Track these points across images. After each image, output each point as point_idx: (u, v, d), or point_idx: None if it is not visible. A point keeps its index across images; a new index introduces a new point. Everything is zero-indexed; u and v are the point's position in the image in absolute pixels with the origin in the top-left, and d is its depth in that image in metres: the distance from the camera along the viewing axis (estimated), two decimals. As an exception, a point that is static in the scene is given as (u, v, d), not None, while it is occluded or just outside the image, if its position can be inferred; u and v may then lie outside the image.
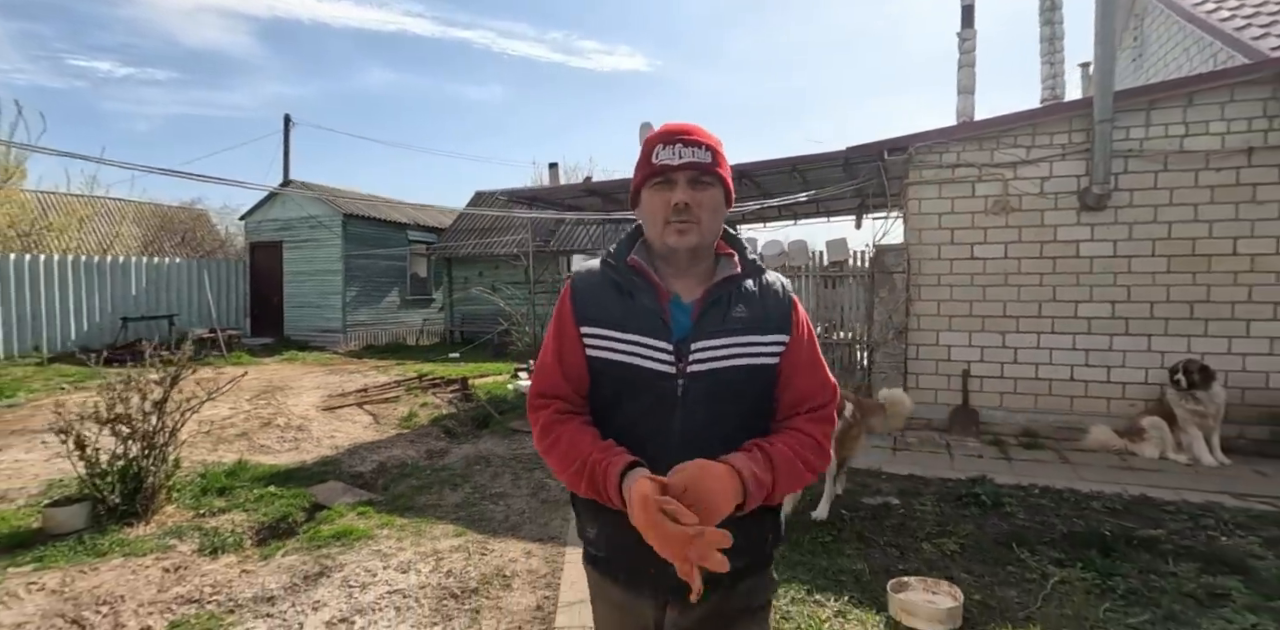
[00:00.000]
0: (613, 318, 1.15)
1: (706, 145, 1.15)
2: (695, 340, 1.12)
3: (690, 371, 1.11)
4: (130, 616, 2.82)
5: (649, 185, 1.16)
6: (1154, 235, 5.12)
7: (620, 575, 1.19)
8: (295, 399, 7.19)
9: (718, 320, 1.14)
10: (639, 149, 1.22)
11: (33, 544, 3.41)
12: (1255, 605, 2.61)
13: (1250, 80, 4.86)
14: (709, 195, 1.15)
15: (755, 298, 1.18)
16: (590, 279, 1.22)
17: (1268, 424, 4.92)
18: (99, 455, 3.72)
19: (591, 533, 1.21)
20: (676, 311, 1.15)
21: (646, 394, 1.12)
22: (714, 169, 1.14)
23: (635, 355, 1.13)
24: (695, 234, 1.13)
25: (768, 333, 1.16)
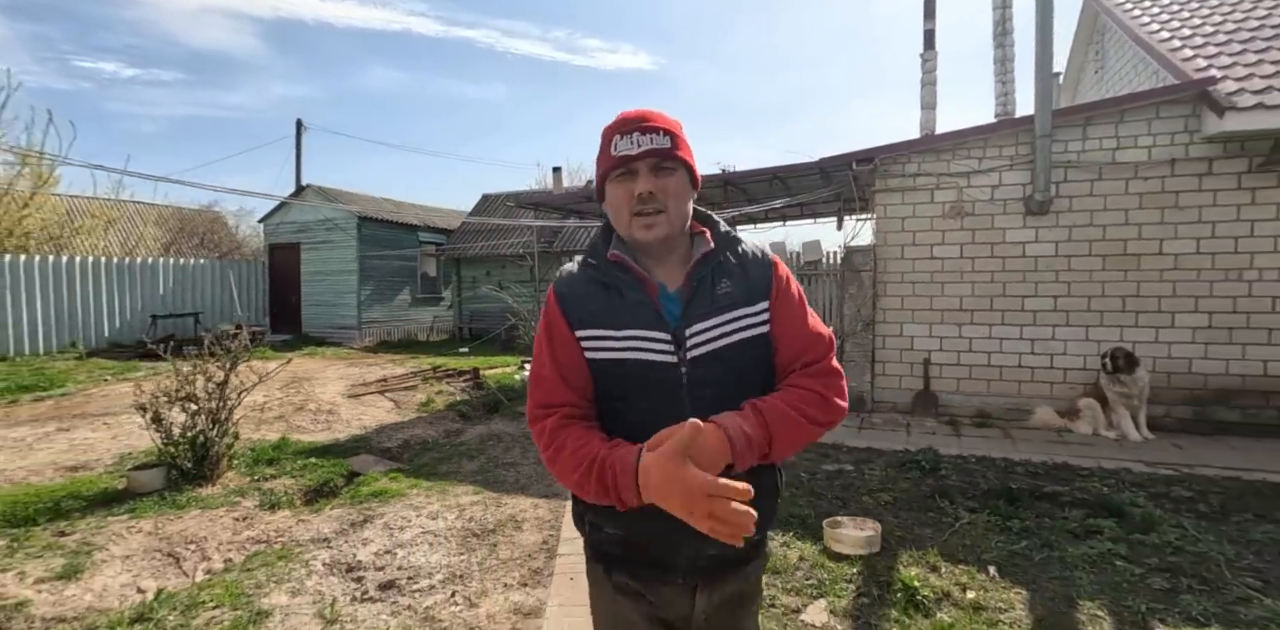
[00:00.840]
0: (605, 317, 1.14)
1: (665, 130, 1.12)
2: (688, 325, 1.12)
3: (691, 357, 1.11)
4: (214, 551, 3.49)
5: (611, 178, 1.14)
6: (1090, 237, 5.75)
7: (646, 568, 1.17)
8: (322, 388, 7.88)
9: (706, 301, 1.13)
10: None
11: (122, 500, 4.09)
12: (1118, 537, 3.25)
13: (1173, 99, 5.48)
14: (673, 181, 1.12)
15: (737, 270, 1.17)
16: (574, 282, 1.20)
17: (1190, 404, 5.54)
18: (172, 429, 4.41)
19: (611, 531, 1.18)
20: (666, 302, 1.14)
21: (652, 387, 1.11)
22: (675, 153, 1.12)
23: (635, 350, 1.11)
24: (663, 225, 1.12)
25: (754, 302, 1.15)
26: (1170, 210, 5.55)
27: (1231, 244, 5.41)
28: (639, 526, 1.12)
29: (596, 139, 1.19)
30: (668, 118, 1.15)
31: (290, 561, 3.23)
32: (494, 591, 2.91)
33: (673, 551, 1.14)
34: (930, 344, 6.27)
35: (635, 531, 1.14)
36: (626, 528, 1.15)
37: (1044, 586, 2.81)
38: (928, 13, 6.80)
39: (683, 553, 1.14)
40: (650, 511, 1.01)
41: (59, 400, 7.47)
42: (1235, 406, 5.43)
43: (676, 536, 1.05)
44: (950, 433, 5.61)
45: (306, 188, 14.69)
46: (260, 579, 3.02)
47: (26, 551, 3.30)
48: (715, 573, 1.17)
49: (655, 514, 0.99)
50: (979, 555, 3.10)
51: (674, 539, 1.09)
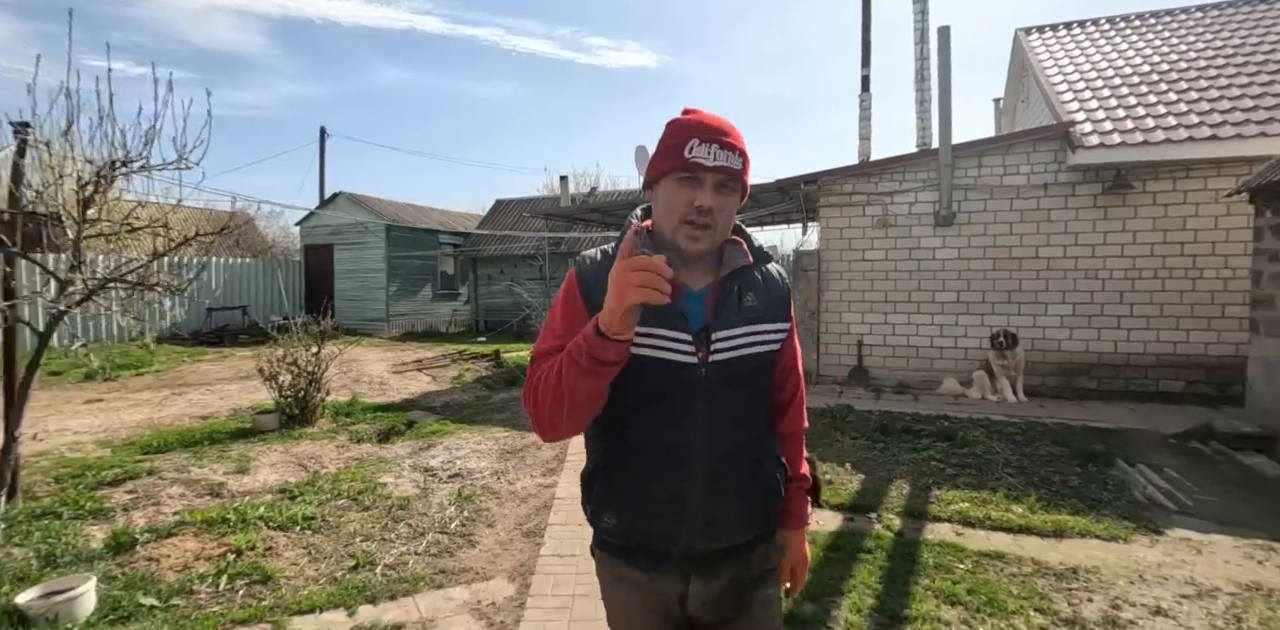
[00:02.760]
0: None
1: (740, 150, 1.13)
2: (716, 330, 1.15)
3: (713, 360, 1.14)
4: (329, 463, 5.08)
5: (673, 176, 1.13)
6: (984, 244, 7.28)
7: (641, 558, 1.22)
8: (369, 367, 9.50)
9: (734, 309, 1.17)
10: (661, 137, 1.17)
11: (250, 435, 5.69)
12: (941, 451, 4.81)
13: (1045, 137, 7.01)
14: (731, 201, 1.15)
15: (762, 287, 1.23)
16: (599, 270, 1.16)
17: (1059, 375, 7.08)
18: (283, 386, 6.01)
19: (612, 521, 1.22)
20: (688, 302, 1.16)
21: (670, 385, 1.14)
22: (741, 177, 1.15)
23: (655, 348, 1.13)
24: (708, 239, 1.14)
25: (775, 321, 1.22)
26: (1044, 223, 7.08)
27: (1090, 250, 6.93)
28: (636, 519, 1.19)
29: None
30: (741, 135, 1.16)
31: (386, 464, 4.83)
32: (524, 478, 4.51)
33: (666, 544, 1.19)
34: (863, 329, 7.82)
35: (632, 523, 1.20)
36: (623, 519, 1.20)
37: (877, 474, 4.38)
38: (864, 61, 8.31)
39: (676, 547, 1.18)
40: (650, 503, 1.15)
41: (157, 375, 9.11)
42: (1093, 377, 6.97)
43: (672, 531, 1.17)
44: (872, 397, 7.16)
45: (339, 195, 16.32)
46: (370, 472, 4.61)
47: (207, 459, 4.90)
48: (709, 562, 1.21)
49: (655, 507, 1.14)
50: (843, 460, 4.67)
51: (670, 533, 1.17)
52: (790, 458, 1.34)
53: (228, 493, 4.21)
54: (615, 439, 1.20)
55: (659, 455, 1.16)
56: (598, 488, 1.22)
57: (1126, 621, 2.60)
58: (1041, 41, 9.32)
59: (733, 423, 1.18)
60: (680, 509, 1.16)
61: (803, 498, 1.36)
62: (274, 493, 4.14)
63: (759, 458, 1.24)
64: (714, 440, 1.16)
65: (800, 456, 1.37)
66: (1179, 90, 7.12)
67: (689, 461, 1.15)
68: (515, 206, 18.86)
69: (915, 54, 7.96)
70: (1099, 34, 9.20)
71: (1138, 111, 6.86)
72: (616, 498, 1.20)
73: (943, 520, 3.66)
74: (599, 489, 1.22)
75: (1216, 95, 6.84)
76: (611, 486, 1.20)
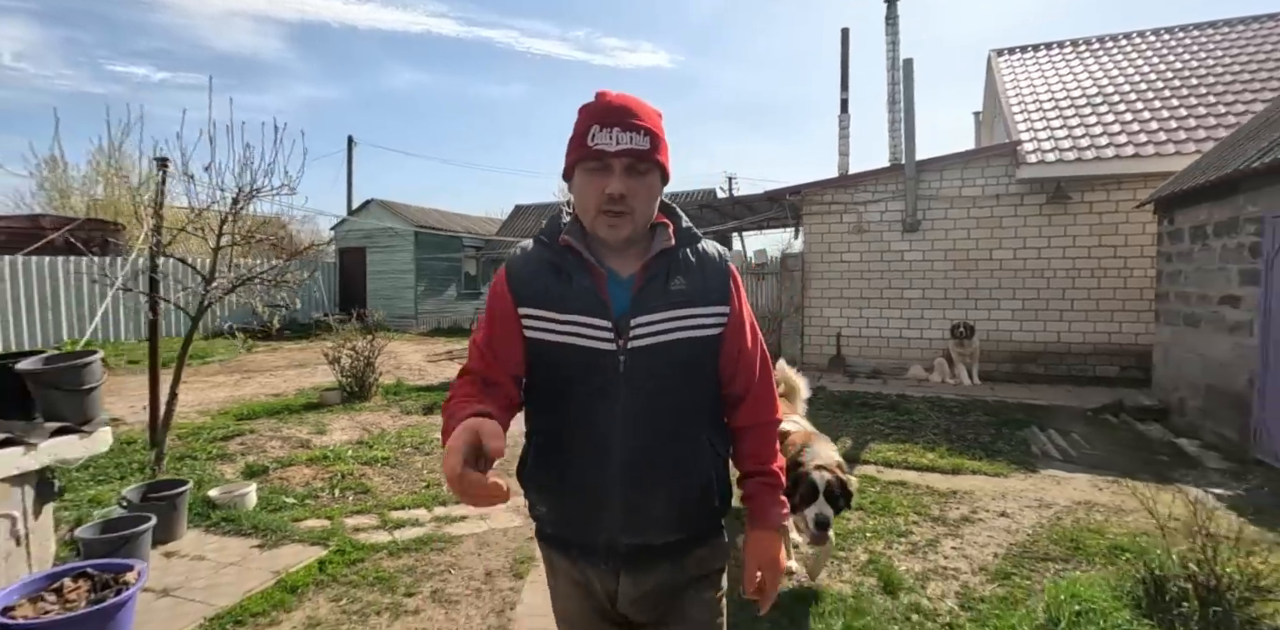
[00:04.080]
0: (550, 298, 1.13)
1: (646, 129, 1.08)
2: (635, 315, 1.11)
3: (631, 347, 1.11)
4: (388, 427, 6.23)
5: (583, 167, 1.11)
6: (945, 247, 8.30)
7: (573, 550, 1.21)
8: (406, 358, 10.70)
9: (658, 294, 1.13)
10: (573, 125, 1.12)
11: (319, 407, 6.87)
12: (886, 417, 5.87)
13: (997, 154, 8.02)
14: (645, 183, 1.11)
15: (694, 268, 1.17)
16: (526, 260, 1.19)
17: (1011, 362, 8.08)
18: (344, 368, 7.19)
19: (542, 510, 1.22)
20: (614, 288, 1.14)
21: (589, 373, 1.12)
22: (652, 156, 1.10)
23: (574, 335, 1.12)
24: (627, 225, 1.11)
25: (708, 304, 1.16)
26: (996, 229, 8.09)
27: (1036, 252, 7.94)
28: (561, 508, 1.19)
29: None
30: (650, 111, 1.11)
31: (435, 427, 5.98)
32: (546, 436, 5.64)
33: (591, 535, 1.17)
34: (840, 322, 8.86)
35: (559, 513, 1.20)
36: (551, 508, 1.21)
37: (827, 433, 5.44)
38: (843, 85, 9.35)
39: (600, 538, 1.16)
40: (571, 493, 1.16)
41: (222, 363, 10.38)
42: (1040, 364, 7.97)
43: (594, 523, 1.16)
44: (847, 381, 8.20)
45: (371, 202, 17.60)
46: (424, 432, 5.76)
47: (290, 423, 6.08)
48: (637, 561, 1.18)
49: (576, 497, 1.16)
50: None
51: (592, 525, 1.16)
52: (751, 451, 1.25)
53: (314, 445, 5.37)
54: (541, 426, 1.20)
55: (580, 444, 1.14)
56: (527, 476, 1.21)
57: (977, 519, 3.67)
58: (1008, 64, 10.31)
59: (657, 412, 1.13)
60: (601, 500, 1.14)
61: (767, 495, 1.22)
62: (352, 445, 5.31)
63: (689, 451, 1.17)
64: (635, 430, 1.12)
65: (765, 450, 1.25)
66: (1117, 112, 8.09)
67: (608, 451, 1.12)
68: (533, 211, 20.06)
69: (887, 79, 8.96)
70: (1060, 56, 10.17)
71: (1077, 132, 7.85)
72: (544, 486, 1.19)
73: (869, 463, 4.74)
74: (528, 478, 1.20)
75: (1148, 117, 7.81)
76: (537, 475, 1.19)
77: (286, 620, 2.57)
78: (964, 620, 2.56)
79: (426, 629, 2.54)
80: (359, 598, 2.75)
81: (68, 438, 2.54)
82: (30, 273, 11.99)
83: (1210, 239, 5.29)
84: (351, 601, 2.72)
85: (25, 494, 2.43)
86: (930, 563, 3.12)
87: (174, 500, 3.21)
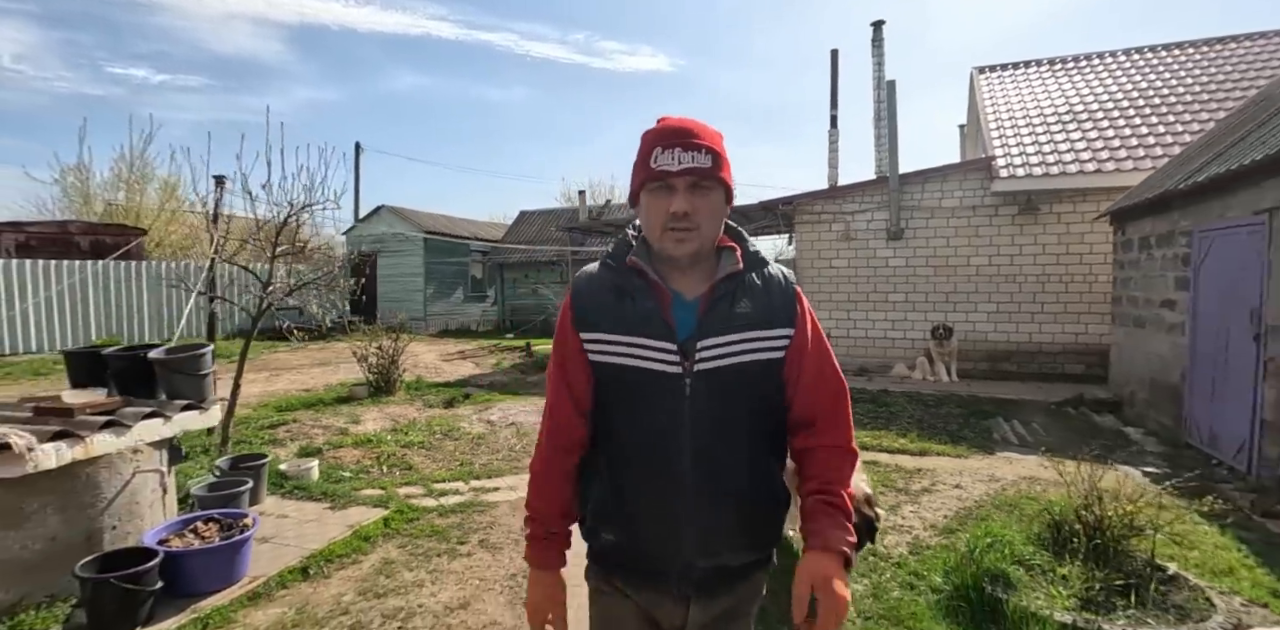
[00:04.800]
0: (614, 321, 1.14)
1: (707, 148, 1.11)
2: (701, 338, 1.11)
3: (697, 370, 1.11)
4: (415, 417, 6.85)
5: (648, 188, 1.13)
6: (926, 254, 8.95)
7: (640, 578, 1.20)
8: (422, 357, 11.32)
9: (723, 317, 1.13)
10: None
11: (349, 400, 7.49)
12: (869, 408, 6.49)
13: (974, 168, 8.68)
14: (709, 200, 1.12)
15: (760, 292, 1.17)
16: (591, 283, 1.21)
17: (987, 361, 8.72)
18: (371, 365, 7.81)
19: (609, 538, 1.20)
20: (680, 310, 1.14)
21: (654, 396, 1.12)
22: (715, 173, 1.12)
23: (639, 358, 1.12)
24: (694, 241, 1.12)
25: (774, 327, 1.15)
26: (973, 237, 8.74)
27: (1009, 259, 8.58)
28: (633, 535, 1.16)
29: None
30: (711, 132, 1.15)
31: (459, 418, 6.61)
32: (560, 425, 6.26)
33: (666, 561, 1.15)
34: (830, 324, 9.50)
35: (629, 539, 1.17)
36: (620, 535, 1.18)
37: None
38: (833, 103, 10.00)
39: (676, 564, 1.15)
40: (644, 519, 1.14)
41: (249, 362, 10.98)
42: (1014, 362, 8.61)
43: (670, 547, 1.14)
44: (834, 379, 8.84)
45: (381, 208, 18.24)
46: (450, 421, 6.38)
47: (327, 414, 6.70)
48: (710, 586, 1.17)
49: (649, 523, 1.13)
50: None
51: (667, 549, 1.14)
52: (815, 471, 1.19)
53: (352, 433, 6.00)
54: (608, 452, 1.20)
55: (649, 469, 1.14)
56: (594, 504, 1.20)
57: (935, 490, 4.30)
58: (988, 81, 10.98)
59: (724, 436, 1.13)
60: (675, 524, 1.13)
61: (828, 516, 1.14)
62: (388, 432, 5.93)
63: (759, 477, 1.18)
64: (704, 455, 1.12)
65: (833, 473, 1.19)
66: (1084, 129, 8.75)
67: (679, 475, 1.12)
68: (537, 217, 20.72)
69: (874, 98, 9.64)
70: (1036, 75, 10.85)
71: (1046, 148, 8.52)
72: (613, 514, 1.18)
73: (848, 447, 5.38)
74: (595, 506, 1.20)
75: (1112, 135, 8.47)
76: (607, 503, 1.18)
77: (366, 560, 3.20)
78: (910, 560, 3.19)
79: (478, 567, 3.17)
80: (420, 545, 3.38)
81: (191, 413, 3.17)
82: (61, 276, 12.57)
83: (1153, 249, 5.94)
84: (415, 547, 3.35)
85: (163, 455, 3.07)
86: (890, 523, 3.75)
87: (258, 470, 3.84)
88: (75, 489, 2.67)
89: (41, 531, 2.59)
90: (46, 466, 2.47)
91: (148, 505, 2.96)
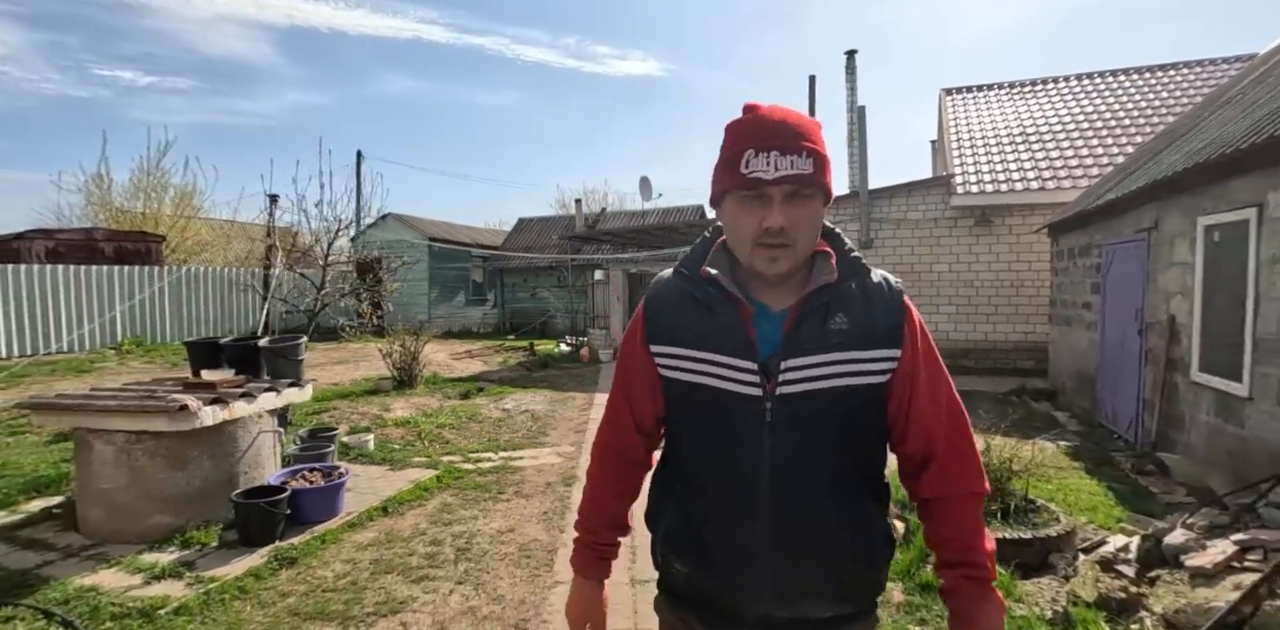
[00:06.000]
0: (688, 335, 1.03)
1: (809, 150, 0.95)
2: (786, 358, 0.98)
3: (780, 394, 0.98)
4: (437, 405, 7.74)
5: (736, 195, 0.98)
6: (894, 262, 9.94)
7: (709, 615, 1.08)
8: (433, 356, 12.17)
9: (814, 334, 0.99)
10: (721, 144, 1.02)
11: (375, 393, 8.37)
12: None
13: (936, 185, 9.68)
14: (808, 210, 0.97)
15: (858, 305, 1.02)
16: (666, 292, 1.09)
17: (947, 357, 9.47)
18: (395, 362, 8.70)
19: (682, 569, 1.09)
20: (764, 324, 1.01)
21: (730, 420, 1.01)
22: (817, 179, 0.96)
23: (715, 376, 1.01)
24: (789, 258, 0.97)
25: (874, 347, 1.00)
26: (935, 247, 9.74)
27: (967, 266, 9.59)
28: (709, 570, 1.05)
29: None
30: (810, 125, 0.98)
31: (477, 406, 7.52)
32: (568, 411, 7.18)
33: (741, 604, 1.03)
34: (808, 324, 10.46)
35: (705, 575, 1.06)
36: (695, 569, 1.07)
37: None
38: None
39: (751, 609, 1.03)
40: (716, 552, 1.02)
41: (271, 361, 11.83)
42: (972, 358, 9.60)
43: (747, 590, 1.02)
44: (812, 374, 9.81)
45: (388, 216, 19.10)
46: (470, 409, 7.29)
47: (361, 403, 7.57)
48: (793, 625, 1.04)
49: (722, 557, 1.02)
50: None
51: (744, 591, 1.03)
52: (948, 534, 1.05)
53: (387, 418, 6.89)
54: (677, 473, 1.10)
55: (725, 500, 1.02)
56: (665, 530, 1.09)
57: (881, 458, 5.25)
58: (953, 102, 12.02)
59: (810, 468, 0.99)
60: (750, 565, 1.01)
61: (974, 592, 1.01)
62: (419, 416, 6.82)
63: (852, 519, 1.03)
64: (785, 487, 0.99)
65: (967, 532, 1.04)
66: (1033, 150, 9.79)
67: (756, 510, 1.00)
68: (536, 224, 21.64)
69: (846, 120, 10.60)
70: (995, 97, 11.90)
71: (999, 167, 9.54)
72: (685, 544, 1.07)
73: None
74: (666, 532, 1.09)
75: (1056, 155, 9.51)
76: (678, 530, 1.08)
77: (428, 503, 4.11)
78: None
79: (516, 507, 4.08)
80: (468, 494, 4.29)
81: (294, 389, 4.08)
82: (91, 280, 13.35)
83: (1077, 258, 6.94)
84: (465, 495, 4.26)
85: (274, 421, 3.97)
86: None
87: (332, 437, 4.74)
88: (221, 442, 3.57)
89: (199, 472, 3.49)
90: (206, 423, 3.37)
91: (267, 457, 3.86)
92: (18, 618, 2.65)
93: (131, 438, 3.31)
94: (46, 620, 2.64)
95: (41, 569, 3.11)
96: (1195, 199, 4.46)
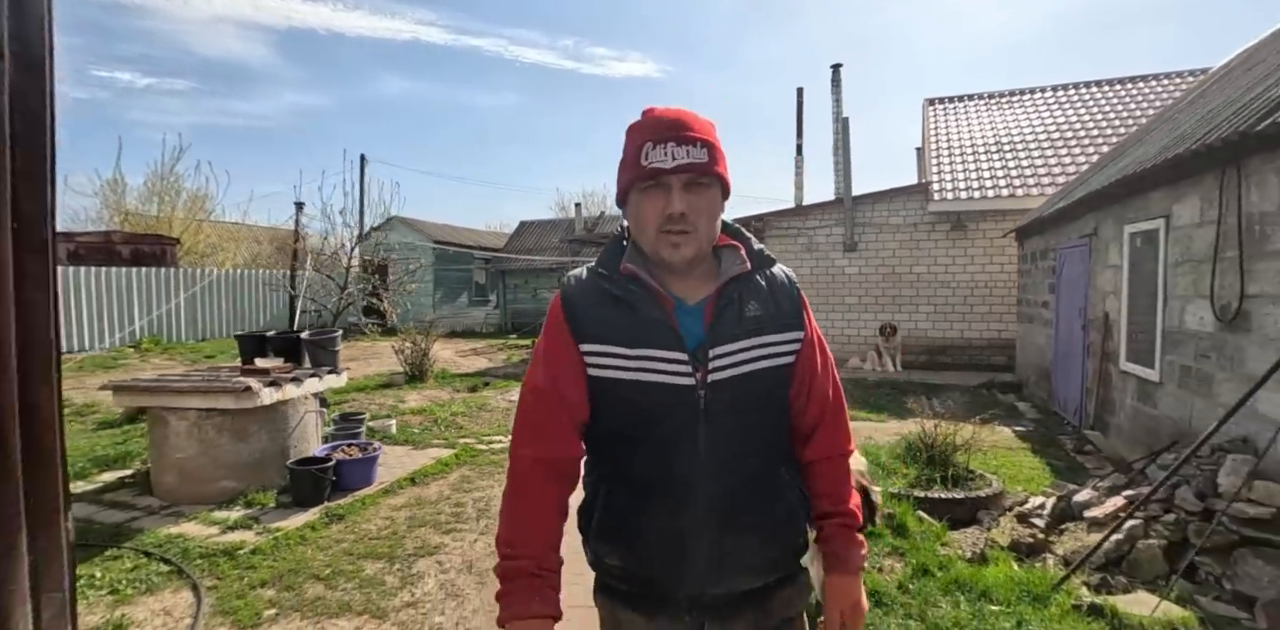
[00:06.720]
0: (617, 332, 1.06)
1: (702, 141, 1.02)
2: (713, 346, 1.04)
3: (712, 380, 1.04)
4: (448, 397, 8.33)
5: (638, 188, 1.05)
6: (877, 263, 10.55)
7: (649, 605, 1.12)
8: (440, 354, 12.74)
9: (733, 322, 1.06)
10: (623, 145, 1.08)
11: (389, 387, 8.96)
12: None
13: (915, 192, 10.30)
14: (706, 198, 1.04)
15: (766, 293, 1.11)
16: (583, 292, 1.12)
17: (927, 354, 10.31)
18: (407, 357, 9.29)
19: (614, 563, 1.13)
20: (684, 317, 1.07)
21: (666, 411, 1.05)
22: (712, 169, 1.04)
23: (649, 371, 1.04)
24: (692, 244, 1.04)
25: (784, 330, 1.10)
26: (914, 250, 10.35)
27: (944, 268, 10.20)
28: (640, 560, 1.10)
29: (611, 145, 1.17)
30: (703, 122, 1.07)
31: (485, 398, 8.11)
32: (569, 402, 7.76)
33: (672, 587, 1.09)
34: (796, 323, 11.07)
35: (635, 564, 1.10)
36: (627, 561, 1.11)
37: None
38: (798, 132, 11.58)
39: (684, 590, 1.08)
40: (652, 544, 1.07)
41: (285, 358, 12.42)
42: (948, 355, 10.21)
43: (682, 573, 1.06)
44: (798, 369, 10.40)
45: (393, 219, 19.70)
46: (479, 400, 7.87)
47: (376, 396, 8.17)
48: (725, 610, 1.11)
49: (656, 547, 1.06)
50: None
51: (674, 575, 1.07)
52: (826, 489, 1.17)
53: (403, 407, 7.48)
54: (611, 470, 1.13)
55: (659, 489, 1.07)
56: (596, 525, 1.12)
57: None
58: (934, 112, 12.64)
59: (741, 450, 1.07)
60: (684, 549, 1.06)
61: (846, 537, 1.16)
62: (433, 406, 7.41)
63: (775, 490, 1.12)
64: (720, 471, 1.05)
65: (841, 487, 1.17)
66: (1005, 159, 10.41)
67: (692, 496, 1.05)
68: (536, 227, 22.26)
69: (832, 130, 11.20)
70: (974, 107, 12.53)
71: (973, 175, 10.16)
72: (616, 536, 1.10)
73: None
74: (597, 526, 1.12)
75: (1027, 164, 10.12)
76: (610, 524, 1.11)
77: (450, 475, 4.70)
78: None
79: (527, 480, 4.67)
80: (485, 469, 4.89)
81: (332, 376, 4.67)
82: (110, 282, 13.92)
83: (1038, 261, 7.55)
84: (481, 470, 4.86)
85: (317, 403, 4.56)
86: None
87: (361, 420, 5.33)
88: (275, 419, 4.17)
89: (258, 445, 4.08)
90: (265, 403, 3.97)
91: (312, 433, 4.45)
92: (124, 556, 3.25)
93: (202, 414, 3.90)
94: (147, 559, 3.24)
95: (130, 523, 3.71)
96: (1124, 209, 5.07)
